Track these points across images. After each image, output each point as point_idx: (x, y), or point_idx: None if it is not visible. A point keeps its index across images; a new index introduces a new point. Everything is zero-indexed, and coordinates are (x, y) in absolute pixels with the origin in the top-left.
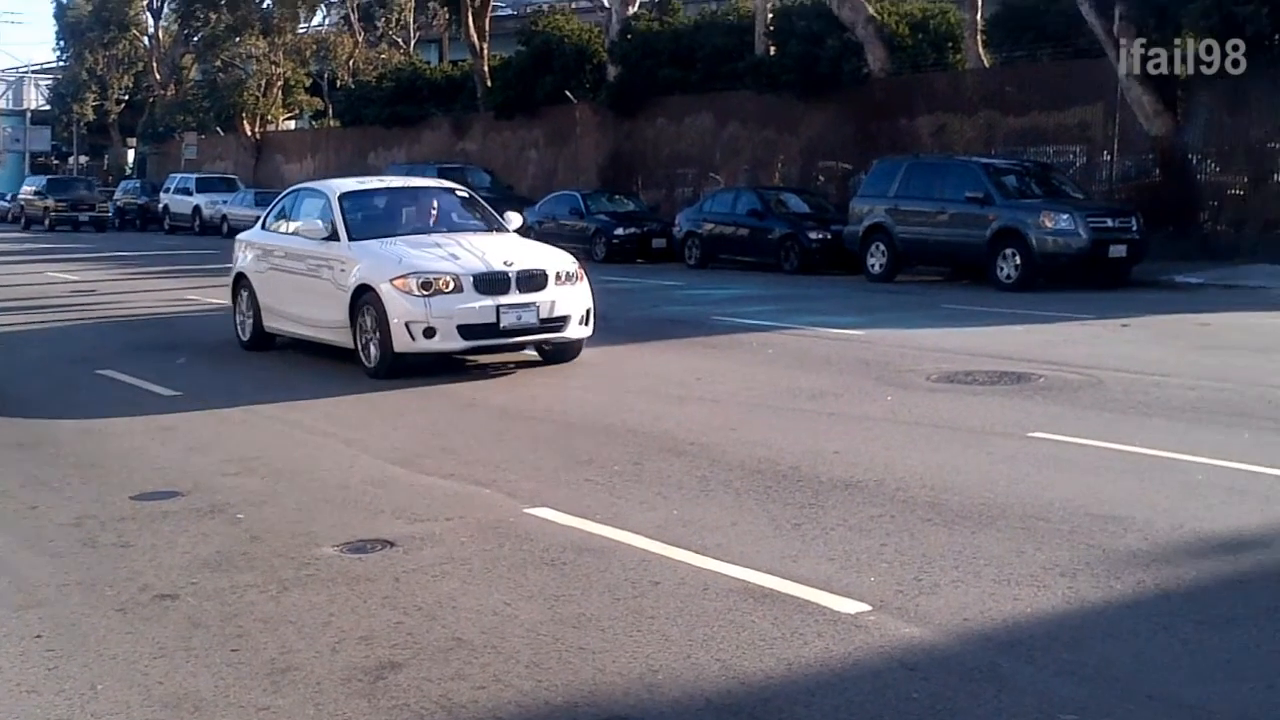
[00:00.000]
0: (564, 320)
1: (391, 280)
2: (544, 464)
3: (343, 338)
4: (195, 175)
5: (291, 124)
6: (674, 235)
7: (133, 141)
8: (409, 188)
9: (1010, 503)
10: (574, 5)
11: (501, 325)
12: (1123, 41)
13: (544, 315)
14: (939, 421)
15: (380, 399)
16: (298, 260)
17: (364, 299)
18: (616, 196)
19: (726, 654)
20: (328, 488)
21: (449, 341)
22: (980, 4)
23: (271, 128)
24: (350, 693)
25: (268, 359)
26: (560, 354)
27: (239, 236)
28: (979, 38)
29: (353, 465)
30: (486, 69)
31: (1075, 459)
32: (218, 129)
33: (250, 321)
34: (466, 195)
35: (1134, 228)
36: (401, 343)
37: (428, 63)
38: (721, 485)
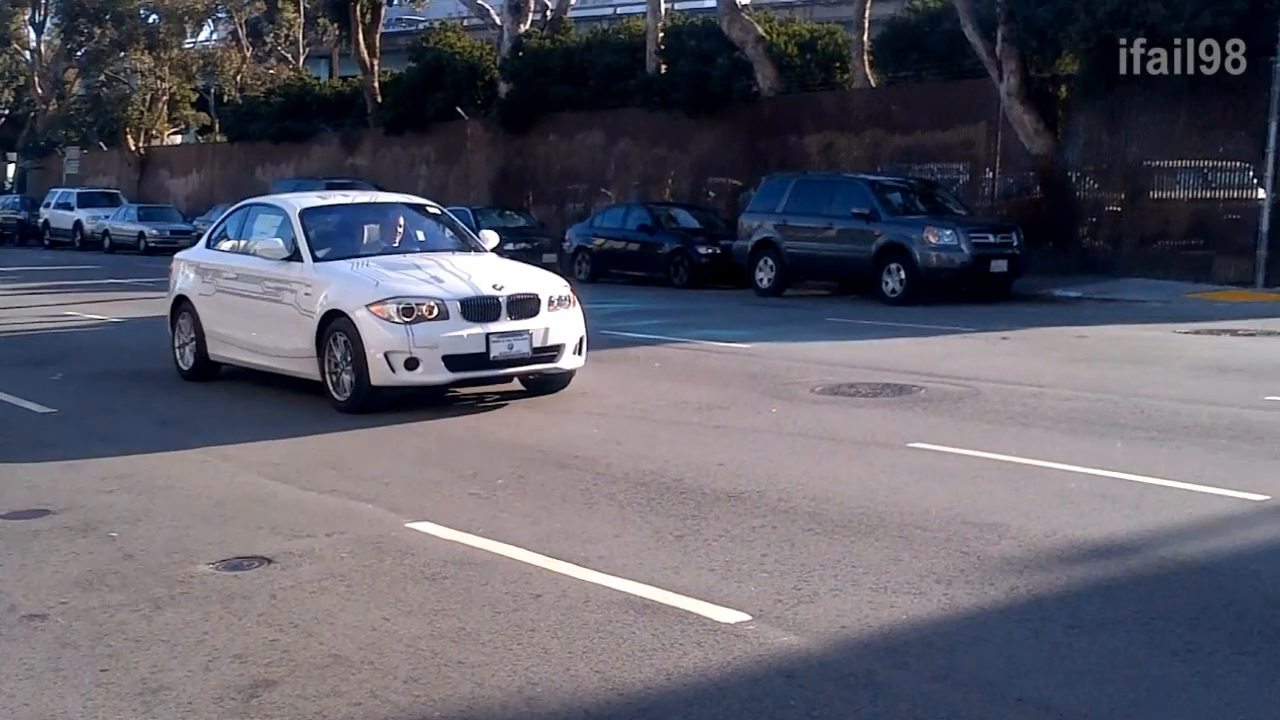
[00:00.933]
0: (558, 349)
1: (368, 306)
2: (427, 478)
3: (308, 368)
4: (77, 190)
5: (177, 139)
6: (564, 250)
7: (13, 156)
8: (375, 203)
9: (889, 512)
10: (465, 22)
11: (491, 355)
12: (1005, 62)
13: (537, 344)
14: (822, 433)
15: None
16: (253, 282)
17: (334, 326)
18: (507, 212)
19: (606, 666)
20: (206, 504)
21: (433, 374)
22: (867, 25)
23: (156, 143)
24: (223, 711)
25: (210, 390)
26: (547, 385)
27: (178, 255)
28: (865, 58)
29: (232, 481)
30: (377, 85)
31: (953, 469)
32: (101, 144)
33: (192, 349)
34: (438, 211)
35: (1015, 243)
36: (380, 375)
37: (317, 78)
38: (605, 498)
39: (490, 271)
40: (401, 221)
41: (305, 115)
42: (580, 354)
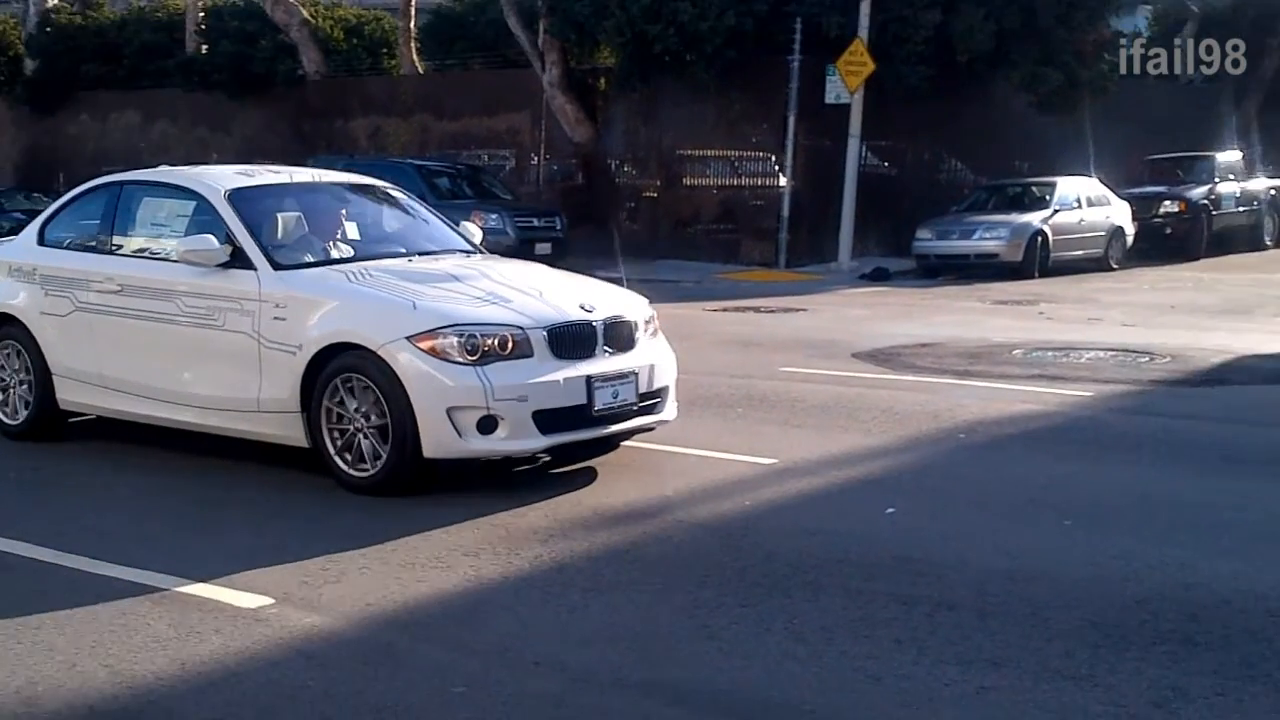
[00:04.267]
0: (662, 395)
1: (410, 338)
2: None
3: (281, 428)
4: None
5: None
6: None
7: None
8: (327, 184)
9: (424, 489)
10: None
11: (595, 408)
12: (547, 54)
13: (642, 388)
14: None
15: None
16: (159, 298)
17: (339, 366)
18: (34, 195)
19: (115, 659)
20: None
21: (519, 439)
22: (414, 12)
23: None
24: None
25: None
26: (605, 443)
27: None
28: (413, 45)
29: None
30: None
31: None
32: None
33: (27, 394)
34: (400, 196)
35: (558, 227)
36: (438, 441)
37: None
38: (127, 487)
39: (559, 284)
40: (370, 210)
41: None
42: (674, 400)
